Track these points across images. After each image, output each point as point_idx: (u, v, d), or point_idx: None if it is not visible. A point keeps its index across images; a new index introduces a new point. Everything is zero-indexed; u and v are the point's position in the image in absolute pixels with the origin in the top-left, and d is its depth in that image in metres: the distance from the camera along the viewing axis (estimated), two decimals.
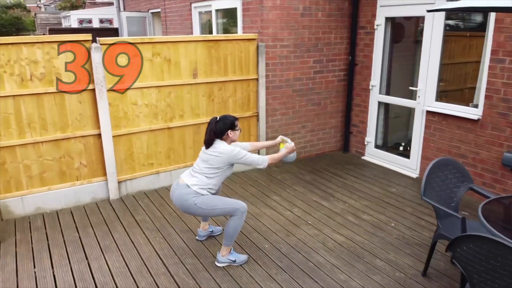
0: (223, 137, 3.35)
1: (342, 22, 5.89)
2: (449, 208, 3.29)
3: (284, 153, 3.56)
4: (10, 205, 4.28)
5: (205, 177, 3.31)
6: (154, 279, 3.30)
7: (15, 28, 16.12)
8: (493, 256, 2.13)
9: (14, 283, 3.21)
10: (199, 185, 3.29)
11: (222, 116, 3.37)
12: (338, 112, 6.34)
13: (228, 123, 3.33)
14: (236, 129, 3.39)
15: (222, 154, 3.26)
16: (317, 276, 3.32)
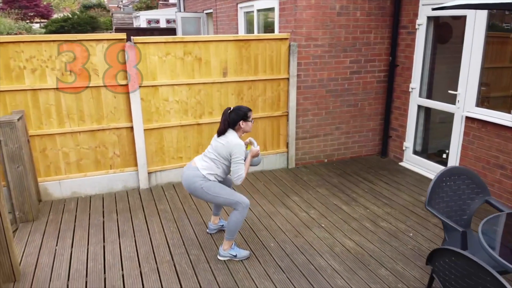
0: (236, 128, 3.40)
1: (383, 22, 5.67)
2: (460, 221, 3.09)
3: (249, 162, 3.49)
4: (49, 188, 4.73)
5: (214, 164, 3.40)
6: (157, 265, 3.47)
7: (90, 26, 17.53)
8: (467, 274, 1.98)
9: (35, 258, 3.56)
10: (208, 171, 3.39)
11: (236, 106, 3.43)
12: (377, 114, 6.11)
13: (241, 114, 3.37)
14: (249, 120, 3.42)
15: (228, 144, 3.33)
16: (314, 279, 3.27)
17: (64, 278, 3.28)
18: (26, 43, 4.24)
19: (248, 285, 3.20)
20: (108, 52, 4.58)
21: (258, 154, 3.57)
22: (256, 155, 3.56)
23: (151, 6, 26.18)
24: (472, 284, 1.95)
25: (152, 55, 4.75)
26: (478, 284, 1.92)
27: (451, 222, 2.78)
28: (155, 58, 4.77)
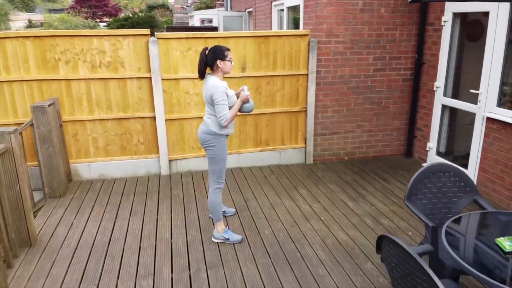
0: (214, 68, 3.40)
1: (410, 18, 5.54)
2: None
3: (238, 105, 3.46)
4: (79, 169, 5.23)
5: (211, 116, 3.46)
6: (156, 242, 3.76)
7: (149, 26, 18.55)
8: (402, 262, 2.01)
9: (53, 228, 4.01)
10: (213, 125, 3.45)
11: (214, 45, 3.41)
12: (403, 113, 5.97)
13: (217, 53, 3.35)
14: (226, 60, 3.39)
15: (207, 87, 3.37)
16: (297, 266, 3.37)
17: (72, 247, 3.67)
18: (60, 37, 4.74)
19: (232, 266, 3.38)
20: (134, 47, 4.97)
21: (248, 99, 3.50)
22: (246, 100, 3.49)
23: (210, 6, 27.03)
24: (407, 273, 1.98)
25: (174, 50, 5.06)
26: (411, 273, 1.94)
27: (424, 217, 2.75)
28: (177, 53, 5.08)
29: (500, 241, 2.27)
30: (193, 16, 16.28)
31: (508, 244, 2.23)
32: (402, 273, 2.03)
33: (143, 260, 3.48)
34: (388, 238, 2.08)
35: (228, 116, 3.37)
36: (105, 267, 3.37)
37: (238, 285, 3.14)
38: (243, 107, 3.54)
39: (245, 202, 4.57)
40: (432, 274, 1.79)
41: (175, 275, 3.27)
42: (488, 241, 2.39)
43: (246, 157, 5.63)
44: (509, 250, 2.20)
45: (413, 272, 1.92)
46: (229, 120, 3.39)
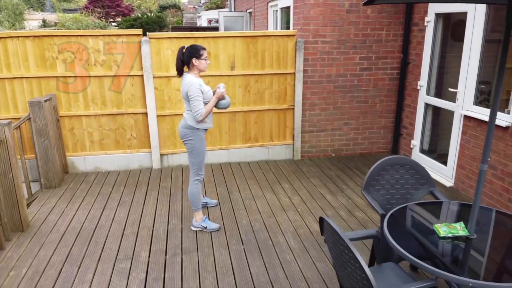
0: (190, 66, 3.57)
1: (396, 19, 5.70)
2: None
3: (213, 101, 3.63)
4: (75, 162, 5.52)
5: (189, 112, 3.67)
6: (139, 230, 4.01)
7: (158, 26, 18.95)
8: (334, 242, 2.20)
9: (45, 216, 4.29)
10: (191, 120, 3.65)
11: (191, 44, 3.63)
12: (389, 112, 6.13)
13: (193, 52, 3.52)
14: (202, 58, 3.55)
15: (184, 85, 3.56)
16: (266, 252, 3.58)
17: (61, 232, 3.95)
18: (58, 37, 5.03)
19: (206, 251, 3.60)
20: (127, 46, 5.23)
21: (223, 96, 3.67)
22: (221, 97, 3.65)
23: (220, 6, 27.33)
24: (339, 252, 2.17)
25: (166, 49, 5.31)
26: (342, 252, 2.14)
27: (375, 205, 2.94)
28: (168, 52, 5.33)
29: (437, 227, 2.44)
30: (201, 17, 16.59)
31: (443, 230, 2.40)
32: (337, 251, 2.23)
33: (124, 245, 3.73)
34: (326, 221, 2.28)
35: (202, 111, 3.57)
36: (88, 251, 3.63)
37: (208, 268, 3.37)
38: (219, 103, 3.73)
39: (229, 194, 4.79)
40: (355, 252, 1.98)
41: (151, 259, 3.51)
42: (429, 228, 2.57)
43: (235, 152, 5.85)
44: (443, 235, 2.37)
45: (343, 251, 2.12)
46: (204, 115, 3.59)
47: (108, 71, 5.28)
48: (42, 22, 29.08)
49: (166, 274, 3.29)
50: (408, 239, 2.48)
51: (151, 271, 3.33)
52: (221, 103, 3.75)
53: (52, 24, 28.45)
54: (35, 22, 29.61)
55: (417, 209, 2.81)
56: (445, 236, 2.36)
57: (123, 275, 3.28)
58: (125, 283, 3.17)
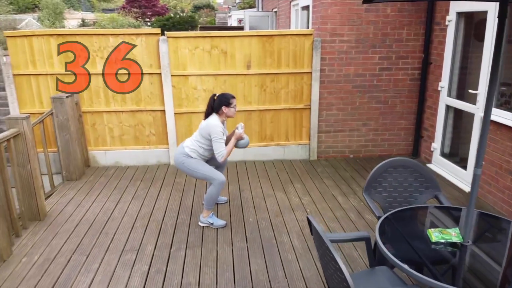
0: (219, 112, 3.83)
1: (417, 18, 5.55)
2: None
3: (232, 142, 3.86)
4: (96, 156, 5.74)
5: (196, 143, 3.89)
6: (148, 223, 4.13)
7: (189, 25, 19.28)
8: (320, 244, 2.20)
9: (63, 206, 4.50)
10: (190, 148, 3.89)
11: (221, 94, 3.86)
12: (410, 113, 5.97)
13: (223, 100, 3.79)
14: (231, 106, 3.81)
15: (207, 125, 3.79)
16: (269, 251, 3.60)
17: (75, 223, 4.13)
18: (80, 36, 5.25)
19: (210, 247, 3.67)
20: (146, 45, 5.38)
21: (242, 137, 3.93)
22: (239, 138, 3.92)
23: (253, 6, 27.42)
24: (322, 253, 2.17)
25: (183, 48, 5.42)
26: (324, 252, 2.13)
27: (373, 207, 2.89)
28: (186, 51, 5.43)
29: (429, 232, 2.38)
30: (231, 16, 16.74)
31: (435, 235, 2.34)
32: (321, 252, 2.22)
33: (133, 237, 3.86)
34: (309, 220, 2.27)
35: (224, 152, 3.74)
36: (98, 241, 3.78)
37: (210, 263, 3.42)
38: (238, 143, 3.98)
39: (240, 192, 4.84)
40: (335, 254, 1.97)
41: (156, 252, 3.61)
42: (423, 232, 2.50)
43: (251, 151, 5.89)
44: (435, 240, 2.31)
45: (325, 251, 2.11)
46: (225, 156, 3.76)
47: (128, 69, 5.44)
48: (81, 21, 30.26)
49: (168, 268, 3.38)
50: (399, 242, 2.43)
51: (154, 264, 3.43)
52: (240, 143, 3.98)
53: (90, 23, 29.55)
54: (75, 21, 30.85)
55: (414, 213, 2.75)
56: (437, 242, 2.29)
57: (127, 266, 3.39)
58: (128, 274, 3.28)
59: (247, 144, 4.08)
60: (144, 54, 5.41)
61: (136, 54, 5.40)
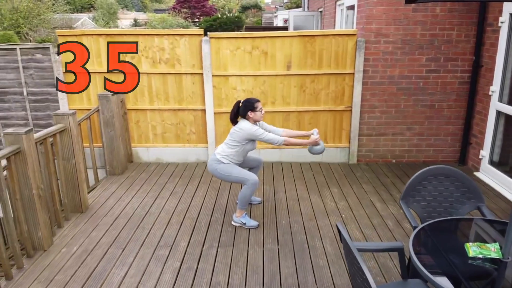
0: (246, 117, 3.90)
1: (468, 18, 5.26)
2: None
3: (303, 142, 3.91)
4: (139, 152, 5.93)
5: (228, 147, 3.96)
6: (183, 220, 4.21)
7: (235, 26, 19.43)
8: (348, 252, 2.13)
9: (104, 200, 4.69)
10: (222, 154, 3.97)
11: (245, 99, 3.91)
12: (458, 118, 5.67)
13: (248, 106, 3.85)
14: (257, 110, 3.85)
15: (241, 130, 3.84)
16: (300, 256, 3.54)
17: (114, 216, 4.29)
18: (128, 36, 5.44)
19: (241, 247, 3.67)
20: (189, 45, 5.49)
21: (317, 143, 3.97)
22: (314, 143, 3.97)
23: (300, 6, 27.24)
24: (350, 261, 2.10)
25: (225, 49, 5.47)
26: (352, 262, 2.06)
27: (410, 217, 2.77)
28: (227, 51, 5.48)
29: (467, 246, 2.24)
30: (277, 16, 16.73)
31: (473, 250, 2.20)
32: (349, 260, 2.15)
33: (168, 233, 3.95)
34: (339, 230, 2.21)
35: (281, 139, 3.84)
36: (134, 235, 3.90)
37: (240, 264, 3.43)
38: (314, 149, 4.02)
39: (274, 193, 4.82)
40: (362, 264, 1.90)
41: (189, 249, 3.67)
42: (461, 246, 2.36)
43: (288, 152, 5.85)
44: (473, 255, 2.17)
45: (353, 261, 2.04)
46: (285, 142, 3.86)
47: (171, 68, 5.58)
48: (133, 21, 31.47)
49: (199, 265, 3.42)
50: (434, 255, 2.31)
51: (186, 261, 3.48)
52: (315, 149, 4.02)
53: (142, 23, 30.66)
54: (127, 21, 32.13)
55: (452, 225, 2.61)
56: (475, 257, 2.15)
57: (160, 262, 3.47)
58: (160, 270, 3.35)
59: (323, 150, 4.06)
60: (187, 54, 5.51)
61: (179, 54, 5.52)
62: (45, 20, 24.77)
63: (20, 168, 3.34)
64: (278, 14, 16.73)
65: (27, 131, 3.32)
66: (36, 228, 3.51)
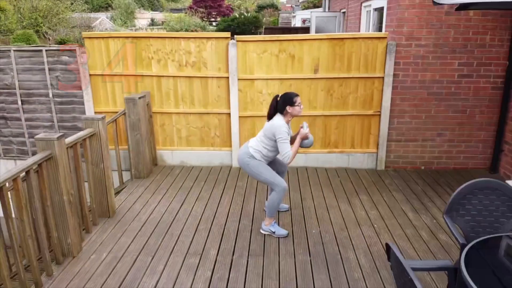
0: (284, 112, 3.72)
1: (503, 22, 5.08)
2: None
3: (298, 142, 3.76)
4: (163, 155, 5.89)
5: (261, 143, 3.82)
6: (211, 226, 4.14)
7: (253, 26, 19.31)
8: (401, 273, 2.03)
9: (131, 204, 4.65)
10: (255, 148, 3.83)
11: (284, 93, 3.74)
12: (491, 124, 5.49)
13: (287, 99, 3.68)
14: (296, 105, 3.67)
15: (272, 126, 3.69)
16: (333, 268, 3.44)
17: (142, 222, 4.25)
18: (154, 38, 5.40)
19: (272, 257, 3.59)
20: (216, 48, 5.42)
21: (307, 136, 3.77)
22: (305, 137, 3.76)
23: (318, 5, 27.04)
24: (403, 283, 2.00)
25: (251, 52, 5.39)
26: (405, 284, 1.96)
27: (456, 233, 2.64)
28: (254, 55, 5.40)
29: None
30: (296, 16, 16.58)
31: None
32: (402, 282, 2.05)
33: (196, 240, 3.89)
34: (391, 249, 2.11)
35: (290, 153, 3.63)
36: (163, 242, 3.85)
37: (272, 275, 3.35)
38: (303, 143, 3.83)
39: (301, 200, 4.72)
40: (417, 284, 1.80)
41: (219, 257, 3.60)
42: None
43: (313, 157, 5.74)
44: None
45: (407, 283, 1.94)
46: (292, 158, 3.64)
47: (197, 72, 5.52)
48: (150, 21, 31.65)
49: (230, 275, 3.35)
50: (487, 276, 2.19)
51: (217, 270, 3.42)
52: (304, 143, 3.86)
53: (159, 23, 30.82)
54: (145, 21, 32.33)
55: (505, 243, 2.47)
56: None
57: (191, 271, 3.41)
58: (192, 279, 3.29)
59: (311, 143, 3.93)
60: (213, 57, 5.45)
61: (206, 57, 5.46)
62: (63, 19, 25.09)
63: (52, 174, 3.32)
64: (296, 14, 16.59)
65: (59, 136, 3.29)
66: (66, 234, 3.48)
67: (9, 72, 5.83)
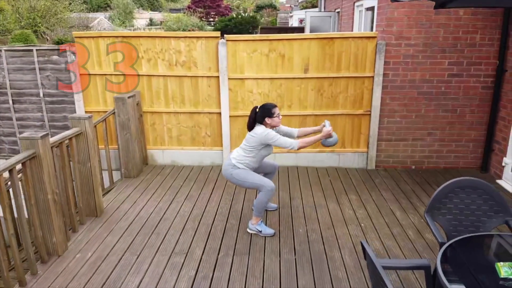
0: (263, 123, 3.80)
1: (493, 21, 5.08)
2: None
3: (317, 138, 3.78)
4: (154, 155, 5.89)
5: (243, 153, 3.88)
6: (198, 226, 4.14)
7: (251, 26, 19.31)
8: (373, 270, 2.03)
9: (119, 204, 4.65)
10: (237, 159, 3.89)
11: (262, 105, 3.82)
12: (481, 124, 5.49)
13: (265, 111, 3.76)
14: (274, 116, 3.77)
15: (256, 135, 3.76)
16: (318, 267, 3.44)
17: (129, 221, 4.25)
18: (144, 38, 5.40)
19: (257, 256, 3.59)
20: (206, 48, 5.42)
21: (330, 135, 3.81)
22: (328, 135, 3.81)
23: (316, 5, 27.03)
24: (376, 281, 2.00)
25: (241, 51, 5.39)
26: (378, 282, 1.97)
27: (435, 231, 2.65)
28: (244, 54, 5.40)
29: (498, 266, 2.12)
30: (293, 16, 16.58)
31: (504, 270, 2.08)
32: (375, 280, 2.05)
33: (182, 239, 3.89)
34: (364, 246, 2.11)
35: (296, 143, 3.70)
36: (149, 242, 3.85)
37: (256, 274, 3.35)
38: (327, 141, 3.86)
39: (290, 200, 4.72)
40: (389, 285, 1.80)
41: (204, 256, 3.60)
42: (491, 265, 2.24)
43: (304, 157, 5.74)
44: (505, 276, 2.05)
45: (379, 282, 1.94)
46: (300, 144, 3.70)
47: (187, 71, 5.52)
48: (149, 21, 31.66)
49: (214, 274, 3.35)
50: (463, 274, 2.19)
51: (201, 269, 3.42)
52: (329, 141, 3.85)
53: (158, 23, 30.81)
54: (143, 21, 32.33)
55: (482, 241, 2.48)
56: (506, 278, 2.03)
57: (175, 270, 3.41)
58: (175, 278, 3.29)
59: (336, 141, 3.90)
60: (203, 57, 5.45)
61: (196, 57, 5.46)
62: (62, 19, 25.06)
63: (36, 173, 3.32)
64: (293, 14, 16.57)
65: (43, 135, 3.29)
66: (51, 233, 3.48)
67: (0, 72, 5.83)
